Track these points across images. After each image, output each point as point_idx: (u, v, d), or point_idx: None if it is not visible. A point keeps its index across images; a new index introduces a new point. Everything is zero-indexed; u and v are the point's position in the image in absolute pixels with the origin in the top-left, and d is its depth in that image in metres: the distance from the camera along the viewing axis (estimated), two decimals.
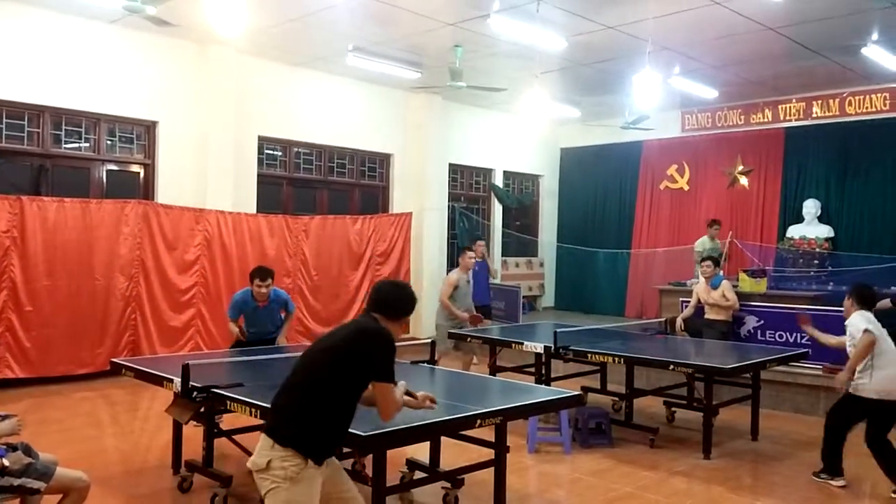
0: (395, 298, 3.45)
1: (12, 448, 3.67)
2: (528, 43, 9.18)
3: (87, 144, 9.58)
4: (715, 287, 8.53)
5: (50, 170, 9.26)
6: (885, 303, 7.68)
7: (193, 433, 5.58)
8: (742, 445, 6.74)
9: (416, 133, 12.94)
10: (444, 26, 9.13)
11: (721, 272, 8.84)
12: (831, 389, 7.49)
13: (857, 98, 11.81)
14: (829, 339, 6.00)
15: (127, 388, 8.18)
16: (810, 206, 11.96)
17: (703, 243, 10.68)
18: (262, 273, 6.80)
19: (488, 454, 4.56)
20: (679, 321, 8.76)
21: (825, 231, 11.74)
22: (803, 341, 8.27)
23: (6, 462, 3.49)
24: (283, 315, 7.17)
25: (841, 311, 6.23)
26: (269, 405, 4.08)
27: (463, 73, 10.09)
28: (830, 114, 12.15)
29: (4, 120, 8.84)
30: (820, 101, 12.21)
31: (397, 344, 3.39)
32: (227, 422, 5.63)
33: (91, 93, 9.31)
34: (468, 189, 14.62)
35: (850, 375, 5.44)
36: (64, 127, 9.32)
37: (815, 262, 11.31)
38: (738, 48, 9.81)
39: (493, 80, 10.78)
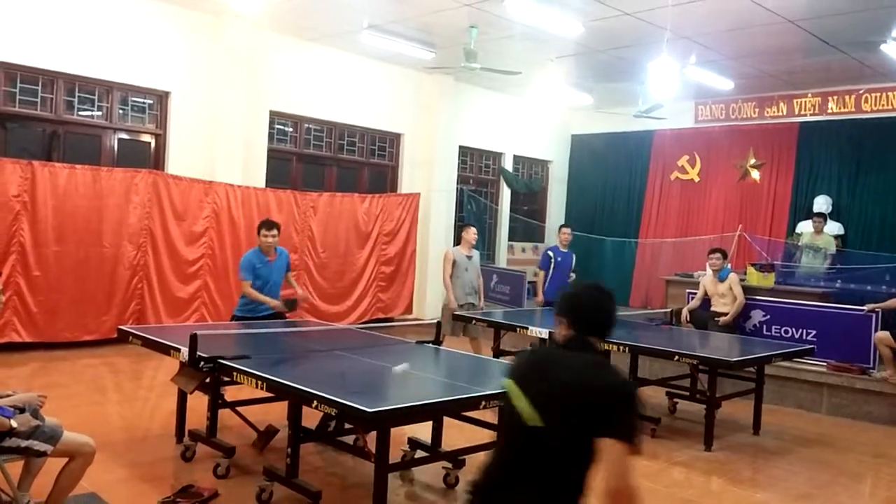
0: (610, 313, 2.59)
1: (20, 410, 3.69)
2: (543, 27, 9.12)
3: (100, 112, 9.56)
4: (722, 280, 8.51)
5: (62, 136, 9.25)
6: (894, 302, 7.67)
7: (197, 403, 5.61)
8: (743, 439, 6.75)
9: (427, 114, 12.89)
10: (461, 7, 9.07)
11: (729, 265, 8.81)
12: (835, 386, 7.53)
13: (873, 95, 11.70)
14: None
15: (131, 356, 8.23)
16: (821, 203, 11.87)
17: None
18: (269, 223, 6.78)
19: (490, 436, 4.58)
20: (685, 312, 8.76)
21: (836, 228, 11.68)
22: (809, 337, 8.28)
23: (14, 423, 3.51)
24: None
25: (851, 309, 6.26)
26: (275, 378, 4.11)
27: (477, 54, 10.02)
28: (846, 110, 12.04)
29: (18, 84, 8.82)
30: (836, 97, 12.11)
31: (403, 323, 3.36)
32: (230, 393, 5.67)
33: (105, 61, 9.28)
34: (477, 172, 14.58)
35: None
36: (77, 94, 9.30)
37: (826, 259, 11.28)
38: (756, 40, 9.72)
39: (507, 63, 10.71)
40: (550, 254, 9.73)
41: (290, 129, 11.57)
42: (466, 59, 10.02)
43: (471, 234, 8.61)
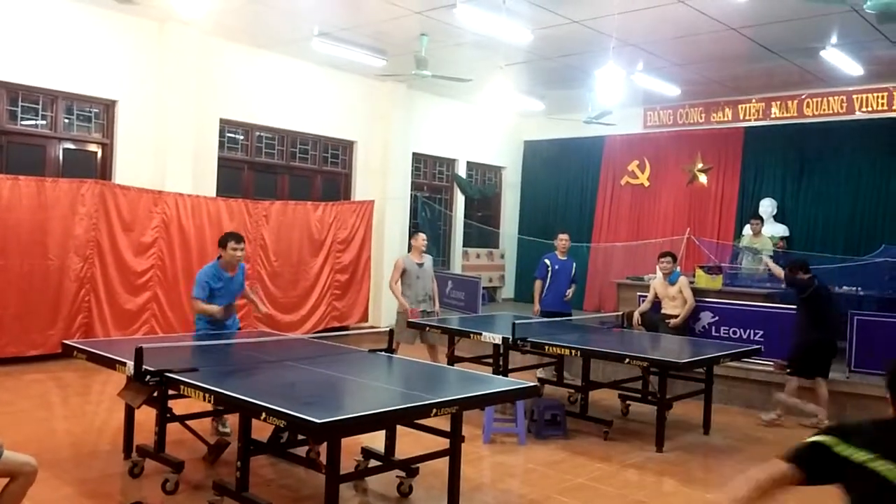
0: None
1: None
2: (493, 34, 9.18)
3: (44, 122, 9.36)
4: (672, 283, 8.65)
5: (5, 147, 9.02)
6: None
7: (146, 418, 5.51)
8: (694, 439, 6.86)
9: (380, 121, 12.88)
10: (411, 14, 9.10)
11: (678, 268, 8.95)
12: (782, 385, 7.69)
13: (814, 100, 12.04)
14: None
15: (79, 370, 8.04)
16: (766, 205, 12.17)
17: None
18: (238, 236, 6.31)
19: (443, 444, 4.58)
20: (636, 315, 8.87)
21: (780, 230, 11.98)
22: (756, 338, 8.45)
23: None
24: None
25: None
26: (222, 390, 4.06)
27: (428, 62, 10.07)
28: (789, 115, 12.37)
29: None
30: (779, 102, 12.43)
31: (359, 332, 3.35)
32: (183, 406, 5.58)
33: (49, 69, 9.09)
34: (431, 179, 14.61)
35: None
36: (20, 103, 9.09)
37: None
38: (700, 47, 9.93)
39: (458, 70, 10.77)
40: (547, 262, 9.17)
41: (241, 138, 11.46)
42: (417, 67, 10.05)
43: (419, 240, 8.56)
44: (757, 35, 9.31)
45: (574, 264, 9.35)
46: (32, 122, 9.27)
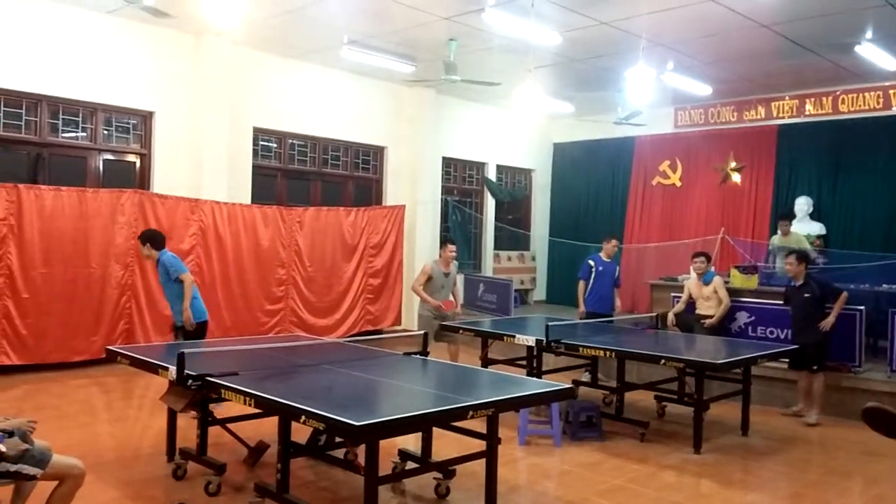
0: None
1: (9, 434, 3.70)
2: (522, 37, 9.22)
3: (84, 134, 9.59)
4: (707, 283, 8.59)
5: (47, 158, 9.27)
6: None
7: (187, 421, 5.62)
8: (732, 440, 6.80)
9: (410, 126, 12.97)
10: (439, 20, 9.16)
11: (713, 268, 8.89)
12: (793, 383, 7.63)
13: (850, 96, 11.89)
14: None
15: (122, 375, 8.23)
16: (802, 204, 12.02)
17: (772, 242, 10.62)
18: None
19: (479, 446, 4.60)
20: (671, 316, 8.81)
21: (817, 228, 11.81)
22: None
23: (3, 448, 3.51)
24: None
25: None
26: (262, 394, 4.15)
27: (457, 67, 10.12)
28: (823, 111, 12.22)
29: (2, 109, 8.84)
30: (813, 99, 12.29)
31: (392, 335, 3.40)
32: (223, 410, 5.68)
33: (88, 83, 9.32)
34: (461, 182, 14.66)
35: None
36: (61, 116, 9.33)
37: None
38: (731, 45, 9.86)
39: (486, 74, 10.81)
40: (591, 262, 9.31)
41: (275, 145, 11.62)
42: (446, 72, 10.11)
43: (448, 251, 8.60)
44: (788, 31, 9.22)
45: (618, 268, 9.47)
46: (73, 135, 9.50)
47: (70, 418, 6.82)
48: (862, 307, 7.97)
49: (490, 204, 15.00)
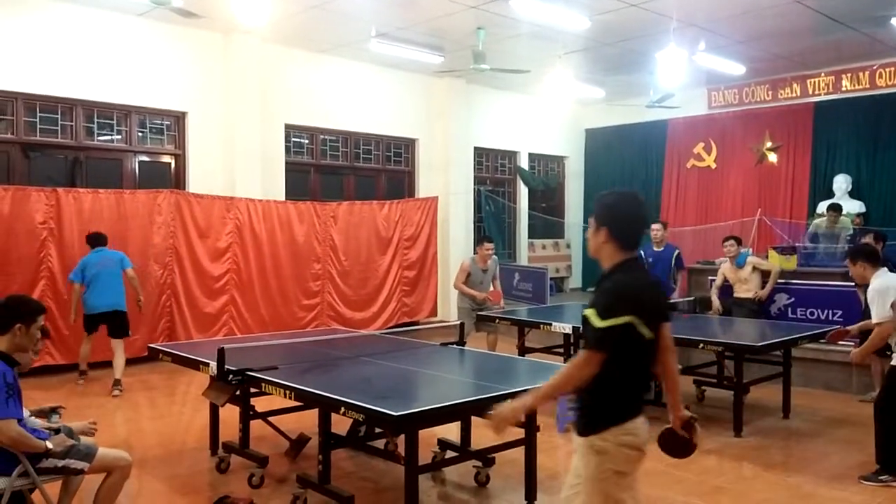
0: None
1: (55, 431, 3.80)
2: (550, 23, 9.16)
3: (119, 136, 9.75)
4: (741, 266, 8.47)
5: (84, 162, 9.44)
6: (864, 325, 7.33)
7: (230, 415, 5.70)
8: (773, 423, 6.73)
9: (441, 117, 12.97)
10: (466, 9, 9.13)
11: (745, 249, 8.75)
12: (865, 366, 7.47)
13: (887, 70, 11.60)
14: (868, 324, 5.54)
15: (164, 372, 8.37)
16: (841, 182, 11.80)
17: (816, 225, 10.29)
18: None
19: (518, 434, 4.61)
20: (715, 301, 8.65)
21: (856, 206, 11.57)
22: (835, 318, 8.22)
23: (50, 445, 3.61)
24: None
25: None
26: (302, 387, 4.20)
27: (486, 55, 10.08)
28: (860, 87, 11.95)
29: (38, 114, 9.03)
30: (849, 74, 12.02)
31: (428, 326, 3.40)
32: (263, 403, 5.75)
33: (121, 85, 9.47)
34: (493, 172, 14.63)
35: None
36: (96, 119, 9.50)
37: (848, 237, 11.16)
38: (764, 22, 9.69)
39: (515, 62, 10.75)
40: (642, 254, 8.89)
41: (306, 141, 11.70)
42: (475, 61, 10.08)
43: (484, 249, 8.62)
44: (822, 6, 9.03)
45: (675, 252, 9.05)
46: (108, 137, 9.66)
47: (114, 415, 6.97)
48: None
49: (523, 193, 14.95)
